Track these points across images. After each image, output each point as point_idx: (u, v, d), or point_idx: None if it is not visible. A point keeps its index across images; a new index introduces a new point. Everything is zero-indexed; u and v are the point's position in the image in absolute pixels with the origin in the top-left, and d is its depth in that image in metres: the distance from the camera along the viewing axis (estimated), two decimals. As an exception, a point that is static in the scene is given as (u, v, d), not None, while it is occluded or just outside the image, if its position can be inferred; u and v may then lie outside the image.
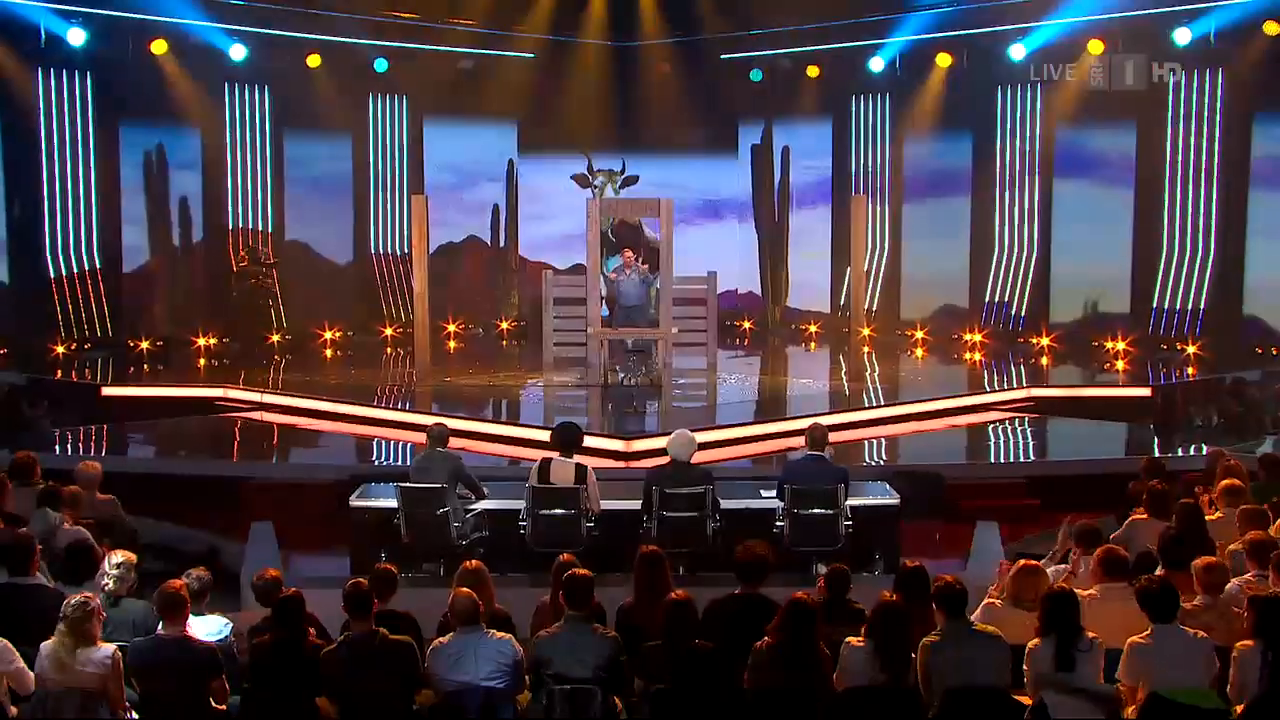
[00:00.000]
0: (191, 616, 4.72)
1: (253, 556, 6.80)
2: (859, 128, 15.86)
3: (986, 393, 11.54)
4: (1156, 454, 8.92)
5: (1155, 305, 13.73)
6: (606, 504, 6.87)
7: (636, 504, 6.81)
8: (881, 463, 9.16)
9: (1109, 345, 13.76)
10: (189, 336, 14.20)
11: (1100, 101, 13.71)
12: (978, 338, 14.71)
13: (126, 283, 14.03)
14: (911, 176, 15.42)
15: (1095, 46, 13.46)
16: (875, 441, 9.84)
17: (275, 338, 14.78)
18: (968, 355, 14.30)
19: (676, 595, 4.61)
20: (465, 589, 4.68)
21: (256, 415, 10.83)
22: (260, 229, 15.06)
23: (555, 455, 6.80)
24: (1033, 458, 9.88)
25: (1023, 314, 14.73)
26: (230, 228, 14.87)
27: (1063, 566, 5.62)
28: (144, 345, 13.80)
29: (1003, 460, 9.80)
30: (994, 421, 10.70)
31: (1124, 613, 4.66)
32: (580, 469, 6.70)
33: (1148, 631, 4.44)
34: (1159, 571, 5.10)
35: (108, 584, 5.01)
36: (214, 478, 8.63)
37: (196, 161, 14.56)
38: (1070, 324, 14.49)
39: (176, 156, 14.41)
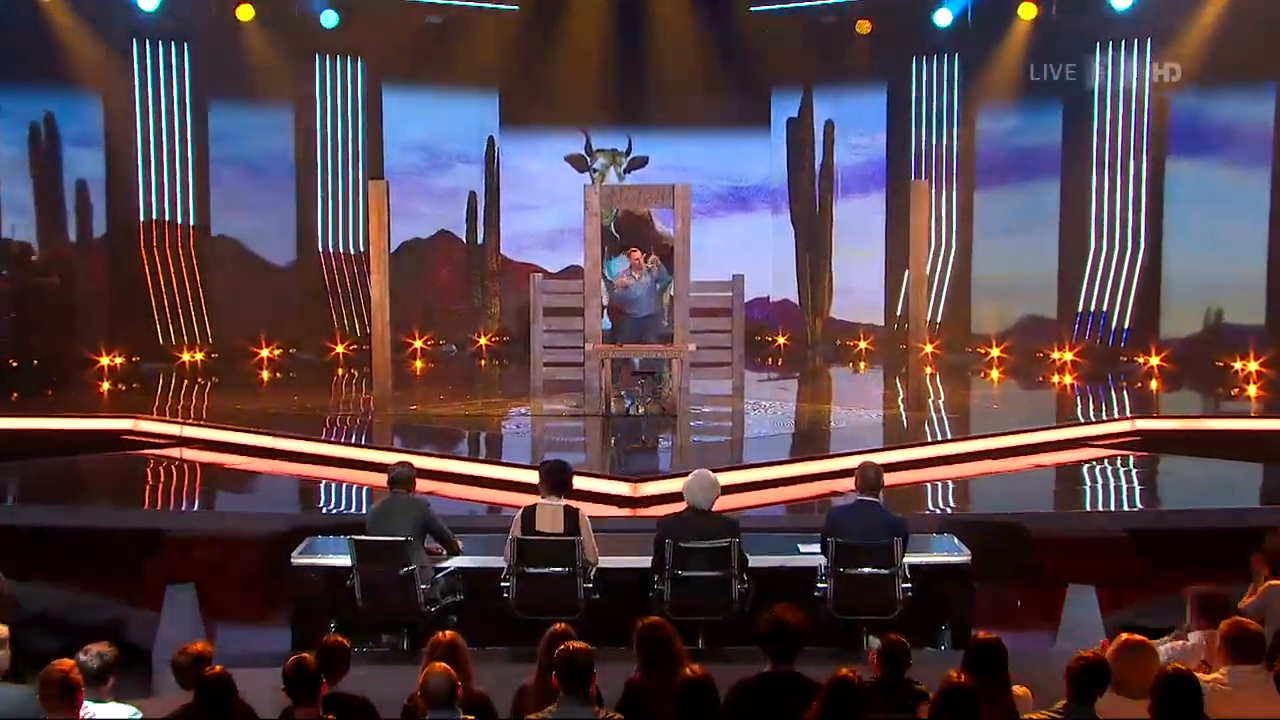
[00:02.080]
0: (88, 704, 4.69)
1: (169, 628, 6.85)
2: (920, 96, 16.00)
3: (1080, 425, 11.57)
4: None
5: (1297, 315, 13.71)
6: (610, 561, 6.93)
7: (646, 561, 6.84)
8: (949, 511, 9.21)
9: (1237, 365, 13.78)
10: (87, 354, 14.28)
11: (1230, 58, 13.61)
12: (1069, 356, 14.80)
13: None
14: (986, 156, 15.56)
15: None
16: (941, 484, 9.90)
17: (198, 356, 14.86)
18: (1056, 378, 14.38)
19: (692, 671, 4.62)
20: (440, 663, 4.71)
21: (174, 452, 10.89)
22: (180, 221, 15.21)
23: (540, 499, 6.83)
24: (1139, 506, 9.84)
25: (1126, 326, 14.83)
26: (142, 220, 15.01)
27: (1180, 644, 5.65)
28: (27, 365, 13.86)
29: (1101, 509, 9.76)
30: (1090, 461, 10.72)
31: (1260, 704, 4.65)
32: (571, 513, 6.74)
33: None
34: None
35: (-29, 667, 4.97)
36: (120, 531, 8.64)
37: (97, 136, 14.69)
38: (1187, 339, 14.56)
39: (71, 130, 14.50)
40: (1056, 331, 15.07)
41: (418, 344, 16.03)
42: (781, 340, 16.72)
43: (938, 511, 9.14)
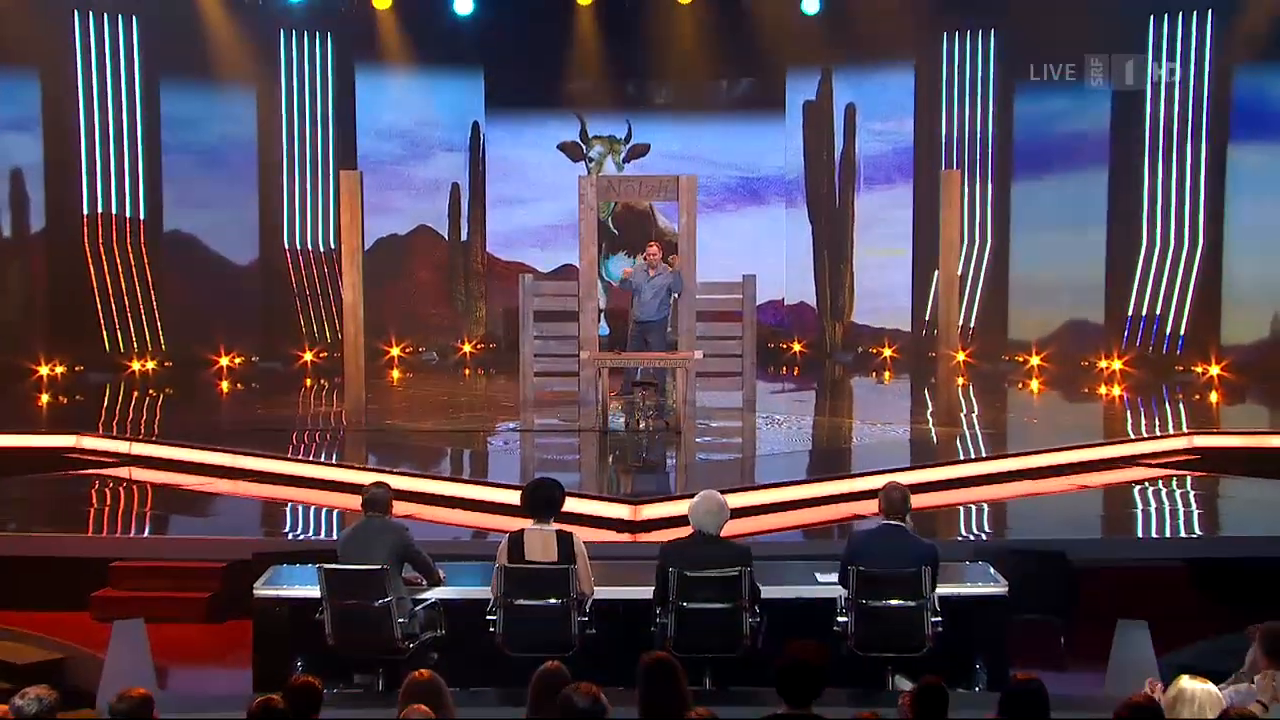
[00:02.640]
0: (26, 754, 4.65)
1: (116, 668, 6.79)
2: (953, 75, 16.09)
3: (1130, 442, 11.58)
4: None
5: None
6: (607, 592, 6.97)
7: (647, 592, 6.86)
8: (983, 537, 9.26)
9: (1307, 375, 13.82)
10: (24, 363, 14.31)
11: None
12: (1118, 365, 14.87)
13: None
14: (1025, 143, 15.63)
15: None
16: (974, 508, 9.94)
17: (149, 366, 14.88)
18: (1104, 390, 14.41)
19: (699, 714, 4.65)
20: (419, 705, 4.72)
21: (123, 472, 10.92)
22: (128, 215, 15.24)
23: (529, 523, 6.86)
24: (1197, 533, 9.79)
25: (1182, 333, 14.87)
26: (85, 213, 15.02)
27: (1245, 687, 5.64)
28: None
29: (1154, 536, 9.76)
30: (1141, 482, 10.73)
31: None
32: (564, 539, 6.75)
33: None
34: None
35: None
36: (61, 560, 8.66)
37: (34, 119, 14.69)
38: (1251, 346, 14.61)
39: (4, 113, 14.53)
40: (1104, 338, 15.14)
41: (394, 352, 16.09)
42: (797, 347, 16.80)
43: (971, 537, 9.17)
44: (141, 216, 15.37)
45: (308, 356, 15.84)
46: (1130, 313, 15.13)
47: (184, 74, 15.29)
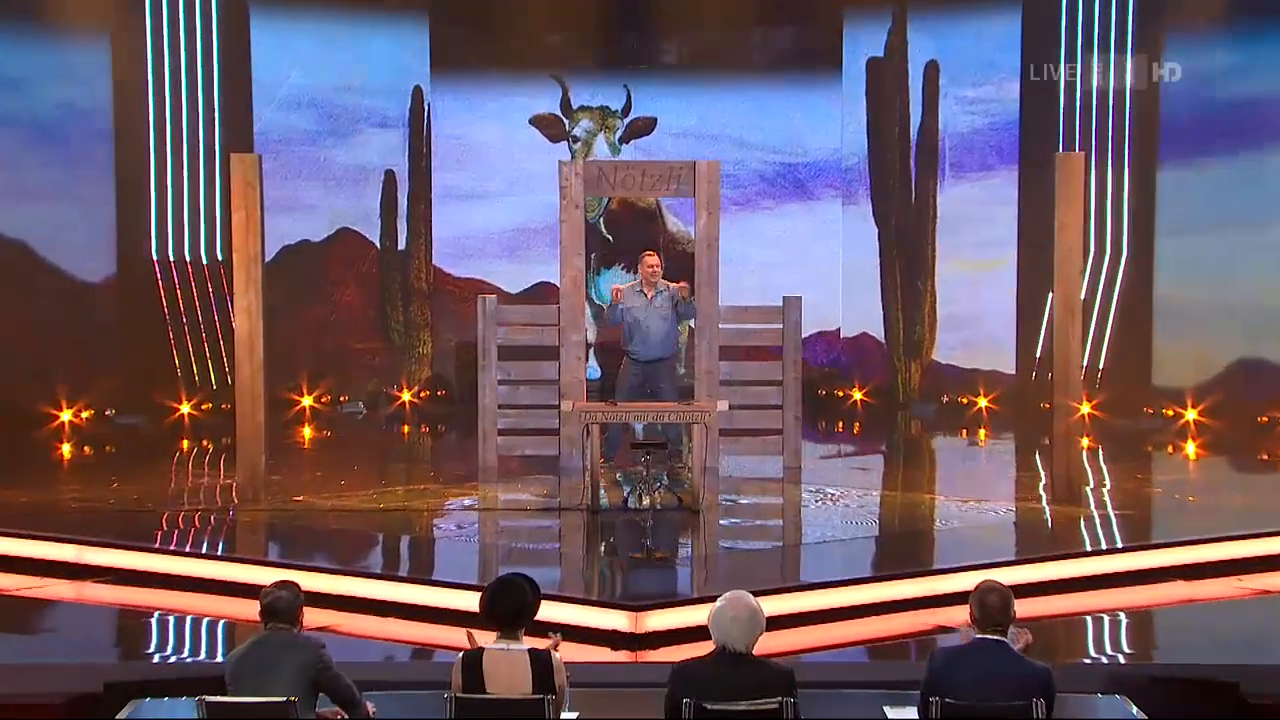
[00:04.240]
0: None
1: None
2: (1075, 21, 16.19)
3: (1326, 528, 11.50)
4: None
5: None
6: (596, 731, 6.95)
7: (652, 732, 6.85)
8: (1120, 659, 9.25)
9: None
10: None
11: None
12: (1311, 422, 14.74)
13: None
14: (1175, 115, 15.72)
15: None
16: (1107, 619, 9.93)
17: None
18: (1288, 455, 14.32)
19: None
20: None
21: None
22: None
23: (491, 639, 6.89)
24: None
25: None
26: None
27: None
28: None
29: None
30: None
31: None
32: (539, 661, 6.78)
33: None
34: None
35: None
36: None
37: None
38: None
39: None
40: (1289, 385, 15.13)
41: (306, 401, 16.17)
42: (858, 395, 16.86)
43: (1102, 660, 9.18)
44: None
45: (184, 409, 15.87)
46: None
47: (4, 18, 15.37)
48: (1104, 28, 16.15)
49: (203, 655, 9.33)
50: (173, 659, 9.41)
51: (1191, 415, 15.42)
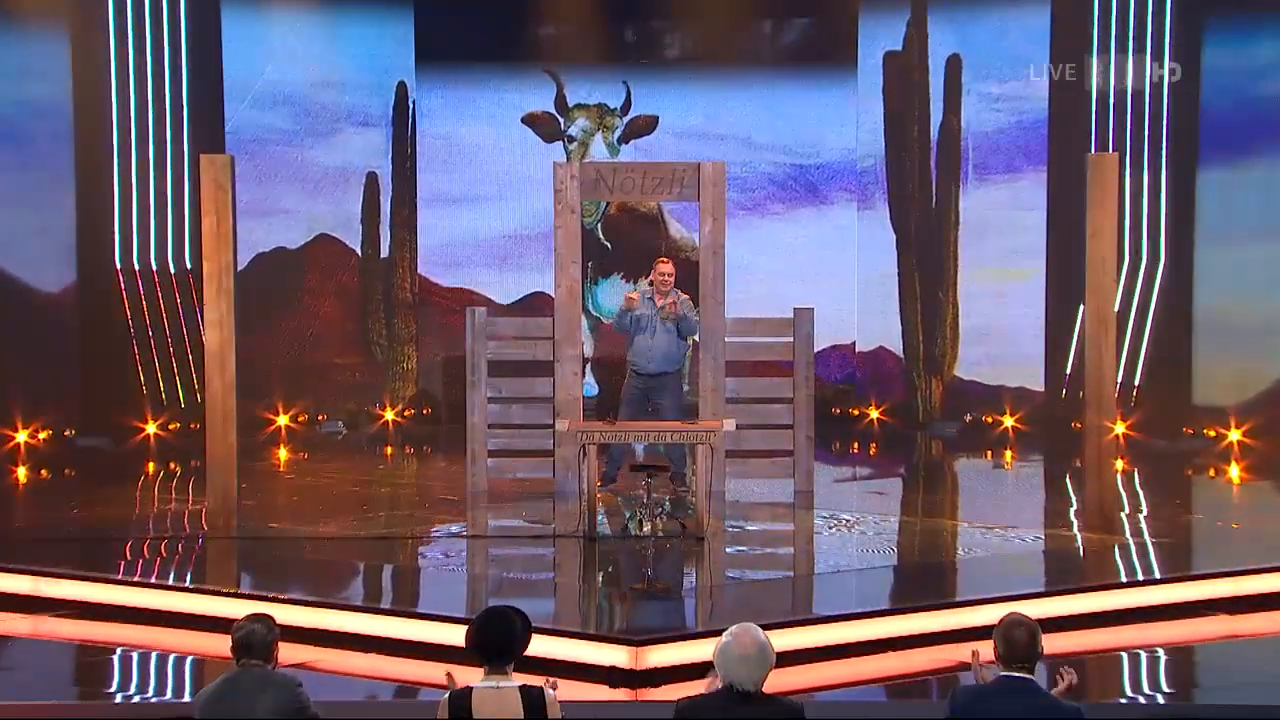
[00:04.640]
0: None
1: None
2: (1108, 13, 16.10)
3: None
4: None
5: None
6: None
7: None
8: (1158, 699, 9.21)
9: None
10: None
11: None
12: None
13: None
14: (1219, 111, 15.60)
15: None
16: (1144, 655, 9.88)
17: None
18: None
19: None
20: None
21: None
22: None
23: (479, 676, 6.75)
24: None
25: None
26: None
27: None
28: None
29: None
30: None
31: None
32: (531, 698, 6.69)
33: None
34: None
35: None
36: None
37: None
38: None
39: None
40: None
41: (282, 421, 16.18)
42: (875, 414, 16.83)
43: (1139, 700, 9.17)
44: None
45: (150, 429, 15.82)
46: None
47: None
48: (1139, 18, 16.24)
49: (169, 695, 9.29)
50: (137, 699, 9.38)
51: (1235, 436, 15.39)
